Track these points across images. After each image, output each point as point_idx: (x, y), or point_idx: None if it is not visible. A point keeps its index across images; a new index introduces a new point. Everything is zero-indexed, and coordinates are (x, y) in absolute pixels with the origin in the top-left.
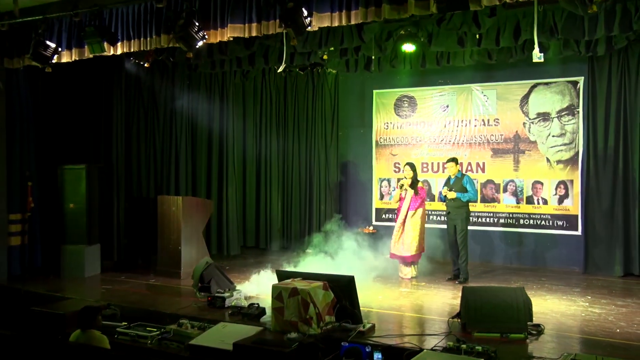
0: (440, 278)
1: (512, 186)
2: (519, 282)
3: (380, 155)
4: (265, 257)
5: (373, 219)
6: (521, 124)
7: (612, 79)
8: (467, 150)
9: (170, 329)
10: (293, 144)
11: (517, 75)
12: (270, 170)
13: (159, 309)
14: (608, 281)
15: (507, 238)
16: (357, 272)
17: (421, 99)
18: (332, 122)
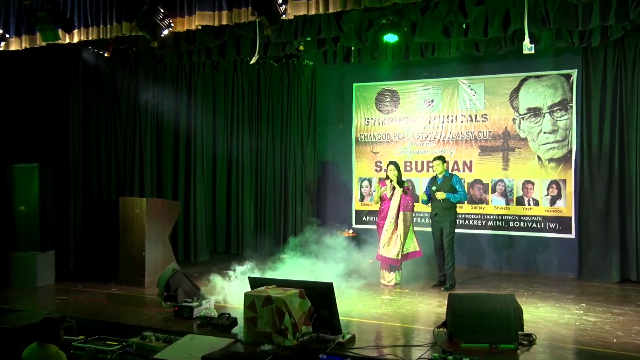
0: (425, 285)
1: (501, 186)
2: (509, 288)
3: (360, 154)
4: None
5: (353, 221)
6: (511, 119)
7: (607, 72)
8: (453, 148)
9: (133, 342)
10: (267, 141)
11: (506, 68)
12: (243, 170)
13: (121, 320)
14: (604, 287)
15: (496, 242)
16: (336, 279)
17: (404, 93)
18: (309, 118)
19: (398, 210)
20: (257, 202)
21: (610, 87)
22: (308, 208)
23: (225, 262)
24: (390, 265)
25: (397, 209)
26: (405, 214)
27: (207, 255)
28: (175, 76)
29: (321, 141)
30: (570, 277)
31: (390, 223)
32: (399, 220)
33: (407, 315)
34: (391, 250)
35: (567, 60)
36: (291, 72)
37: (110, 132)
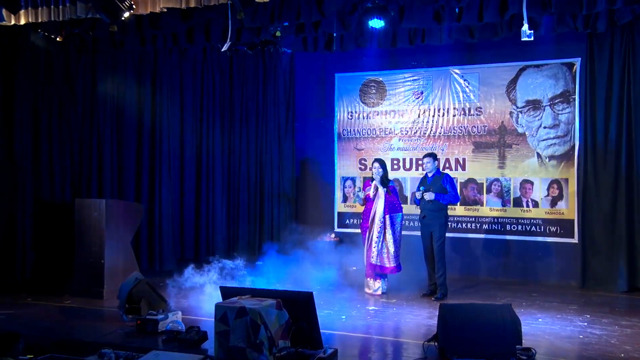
0: (414, 294)
1: (497, 186)
2: (505, 298)
3: (343, 150)
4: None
5: (335, 225)
6: (507, 113)
7: (614, 61)
8: (445, 144)
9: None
10: (240, 136)
11: (503, 57)
12: (214, 168)
13: (76, 336)
14: (610, 297)
15: (492, 247)
16: (317, 288)
17: (391, 84)
18: (287, 111)
19: (384, 214)
20: (229, 204)
21: (617, 77)
22: (286, 210)
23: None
24: (375, 273)
25: (384, 211)
26: (392, 216)
27: (174, 263)
28: (137, 65)
29: (300, 137)
30: (572, 285)
31: (378, 228)
32: (386, 224)
33: (395, 327)
34: (384, 258)
35: (569, 47)
36: (267, 60)
37: (64, 127)
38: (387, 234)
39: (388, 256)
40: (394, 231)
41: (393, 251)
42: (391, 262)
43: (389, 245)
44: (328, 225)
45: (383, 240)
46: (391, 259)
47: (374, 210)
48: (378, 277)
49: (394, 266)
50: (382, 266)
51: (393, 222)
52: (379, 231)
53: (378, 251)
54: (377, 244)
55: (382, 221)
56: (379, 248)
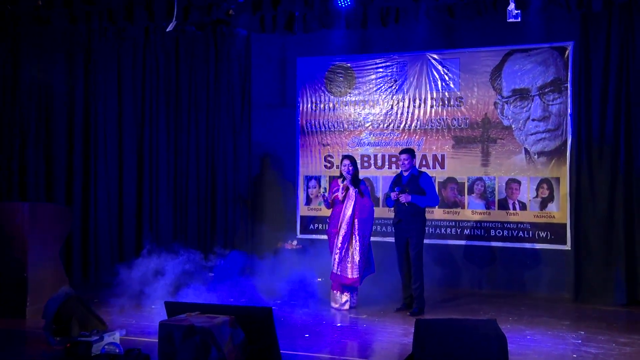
0: (387, 308)
1: (480, 186)
2: (490, 312)
3: (307, 145)
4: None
5: (297, 230)
6: (492, 104)
7: (611, 44)
8: (421, 139)
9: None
10: (189, 129)
11: (486, 40)
12: (158, 166)
13: None
14: (607, 311)
15: (474, 255)
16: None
17: (361, 71)
18: (242, 101)
19: (353, 217)
20: (176, 207)
21: (615, 62)
22: (241, 214)
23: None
24: (343, 285)
25: (352, 215)
26: (361, 220)
27: (111, 275)
28: (68, 45)
29: (257, 130)
30: (565, 298)
31: (344, 232)
32: (354, 229)
33: (365, 347)
34: (347, 267)
35: (561, 30)
36: (219, 43)
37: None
38: (354, 240)
39: (352, 265)
40: (362, 237)
41: (358, 260)
42: (354, 273)
43: (355, 253)
44: (289, 231)
45: (348, 247)
46: (355, 269)
47: (342, 214)
48: (346, 290)
49: (356, 277)
50: (344, 276)
51: (362, 228)
52: (344, 236)
53: (340, 259)
54: (341, 251)
55: (349, 225)
56: (341, 255)
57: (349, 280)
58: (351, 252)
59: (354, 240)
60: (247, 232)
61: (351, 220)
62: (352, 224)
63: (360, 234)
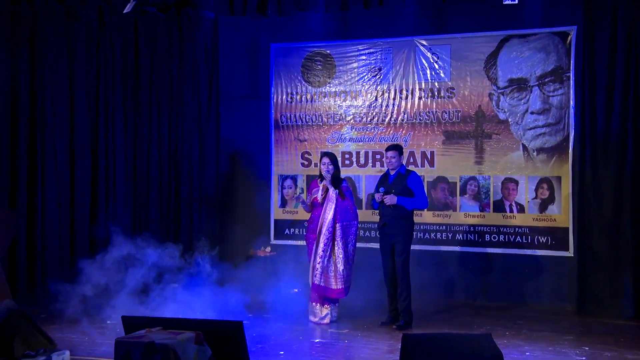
0: (371, 322)
1: (473, 186)
2: (485, 326)
3: (281, 141)
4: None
5: (272, 235)
6: (486, 95)
7: (617, 29)
8: (409, 134)
9: None
10: (150, 123)
11: (480, 24)
12: (115, 165)
13: None
14: (613, 325)
15: (467, 262)
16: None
17: (342, 59)
18: (210, 92)
19: (334, 222)
20: (135, 209)
21: (622, 49)
22: (208, 217)
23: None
24: (325, 298)
25: (333, 219)
26: (344, 225)
27: (62, 285)
28: (11, 28)
29: (227, 124)
30: (567, 310)
31: (325, 239)
32: (335, 235)
33: None
34: (331, 278)
35: (563, 13)
36: (184, 27)
37: None
38: (336, 247)
39: (335, 275)
40: (345, 244)
41: (342, 270)
42: (338, 284)
43: (338, 262)
44: (262, 236)
45: (330, 256)
46: (339, 279)
47: (322, 218)
48: (326, 302)
49: (341, 288)
50: (327, 288)
51: (345, 233)
52: (325, 243)
53: (322, 269)
54: (323, 260)
55: (331, 231)
56: (323, 265)
57: (333, 292)
58: (334, 261)
59: (337, 248)
60: (215, 237)
61: (332, 225)
62: (333, 230)
63: (343, 240)
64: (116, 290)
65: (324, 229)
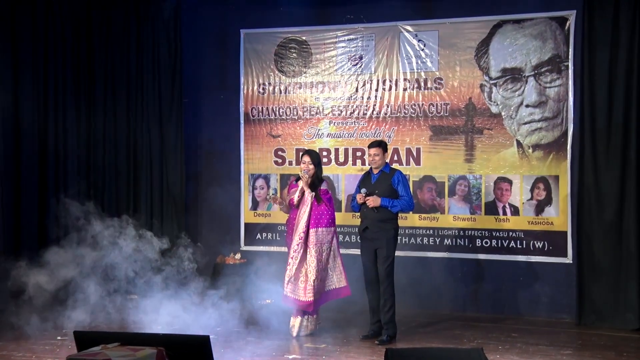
0: (351, 336)
1: (463, 186)
2: (476, 340)
3: (252, 137)
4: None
5: (242, 240)
6: (477, 86)
7: (620, 14)
8: (393, 129)
9: None
10: (105, 116)
11: (471, 8)
12: (65, 162)
13: None
14: (616, 338)
15: (457, 269)
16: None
17: (318, 46)
18: (172, 83)
19: (308, 227)
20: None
21: (625, 36)
22: (172, 221)
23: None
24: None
25: (307, 224)
26: (318, 231)
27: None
28: None
29: (191, 118)
30: (566, 321)
31: (295, 246)
32: (309, 242)
33: None
34: (299, 288)
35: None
36: (142, 11)
37: None
38: (309, 255)
39: (305, 286)
40: (318, 252)
41: (313, 280)
42: (307, 295)
43: (309, 271)
44: (232, 242)
45: (301, 263)
46: (308, 290)
47: (297, 218)
48: (299, 313)
49: (310, 301)
50: (294, 299)
51: (319, 241)
52: (295, 250)
53: (291, 278)
54: (291, 269)
55: (302, 237)
56: (291, 274)
57: (300, 303)
58: (305, 270)
59: (309, 255)
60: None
61: (305, 230)
62: (306, 236)
63: (317, 248)
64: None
65: (296, 235)
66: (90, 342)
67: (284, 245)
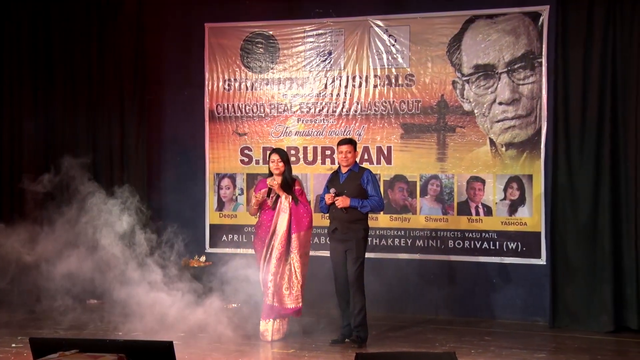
0: (321, 340)
1: (435, 186)
2: (448, 344)
3: (217, 135)
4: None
5: (207, 242)
6: (449, 83)
7: (594, 9)
8: (363, 127)
9: None
10: (64, 112)
11: (443, 3)
12: (21, 162)
13: None
14: (590, 340)
15: (428, 271)
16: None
17: (286, 41)
18: (134, 79)
19: (289, 232)
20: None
21: (599, 31)
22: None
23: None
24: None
25: (288, 228)
26: (300, 235)
27: None
28: None
29: (155, 116)
30: (539, 324)
31: (278, 253)
32: (291, 247)
33: None
34: (285, 295)
35: None
36: (103, 5)
37: None
38: (293, 259)
39: (290, 293)
40: (303, 255)
41: (300, 285)
42: (294, 302)
43: (293, 276)
44: (196, 244)
45: (283, 270)
46: (296, 296)
47: (274, 225)
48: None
49: (298, 307)
50: (282, 308)
51: (302, 245)
52: (278, 259)
53: (276, 286)
54: (275, 278)
55: (284, 245)
56: (276, 282)
57: (289, 310)
58: (288, 277)
59: (294, 260)
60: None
61: (287, 237)
62: (288, 242)
63: (301, 252)
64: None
65: (276, 241)
66: (47, 350)
67: (251, 247)
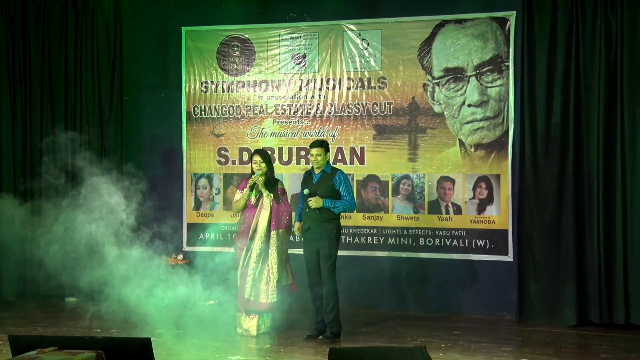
0: (295, 335)
1: (406, 185)
2: (419, 338)
3: (195, 136)
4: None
5: (184, 241)
6: (420, 86)
7: (558, 14)
8: (336, 129)
9: None
10: (42, 115)
11: (414, 8)
12: (1, 163)
13: None
14: (554, 334)
15: (400, 268)
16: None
17: (261, 44)
18: (112, 81)
19: (269, 229)
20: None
21: (563, 35)
22: None
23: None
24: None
25: (268, 226)
26: (279, 233)
27: None
28: None
29: (131, 118)
30: (507, 319)
31: (258, 249)
32: (270, 243)
33: None
34: (262, 291)
35: None
36: (80, 6)
37: None
38: (271, 256)
39: (267, 288)
40: (281, 252)
41: (276, 281)
42: (271, 297)
43: (271, 273)
44: (173, 242)
45: (263, 266)
46: (270, 291)
47: (255, 223)
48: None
49: (273, 302)
50: (256, 302)
51: (281, 242)
52: (258, 254)
53: (254, 281)
54: (255, 272)
55: (266, 240)
56: (255, 276)
57: (263, 305)
58: (267, 273)
59: (272, 257)
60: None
61: (267, 233)
62: (268, 238)
63: (280, 249)
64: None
65: (257, 238)
66: (26, 347)
67: (230, 245)
